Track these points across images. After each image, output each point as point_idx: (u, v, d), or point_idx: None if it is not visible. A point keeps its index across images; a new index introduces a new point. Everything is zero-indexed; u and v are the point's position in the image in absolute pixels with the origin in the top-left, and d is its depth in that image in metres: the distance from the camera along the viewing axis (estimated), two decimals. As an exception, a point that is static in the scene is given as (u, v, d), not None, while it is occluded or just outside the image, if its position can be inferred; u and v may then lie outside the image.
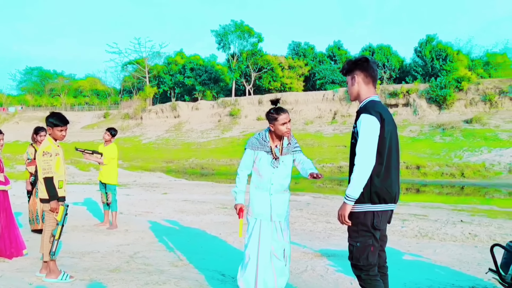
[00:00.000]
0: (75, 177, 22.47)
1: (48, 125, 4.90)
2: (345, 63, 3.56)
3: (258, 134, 4.28)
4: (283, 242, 4.17)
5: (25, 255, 5.84)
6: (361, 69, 3.45)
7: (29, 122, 68.45)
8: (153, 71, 76.64)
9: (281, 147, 4.21)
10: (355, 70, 3.46)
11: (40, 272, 4.92)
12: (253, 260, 4.10)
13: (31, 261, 5.59)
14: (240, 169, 4.26)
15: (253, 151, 4.21)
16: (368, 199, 3.27)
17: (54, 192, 4.79)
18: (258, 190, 4.20)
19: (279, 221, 4.17)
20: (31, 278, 4.84)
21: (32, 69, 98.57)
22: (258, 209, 4.17)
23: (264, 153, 4.17)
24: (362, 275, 3.35)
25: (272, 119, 4.13)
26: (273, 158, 4.15)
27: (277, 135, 4.19)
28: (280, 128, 4.11)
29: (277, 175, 4.17)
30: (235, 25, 65.28)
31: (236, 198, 4.21)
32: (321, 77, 63.35)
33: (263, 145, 4.19)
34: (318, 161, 34.19)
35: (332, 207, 11.74)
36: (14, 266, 5.37)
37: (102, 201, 8.39)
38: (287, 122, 4.12)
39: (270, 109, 4.20)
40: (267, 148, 4.17)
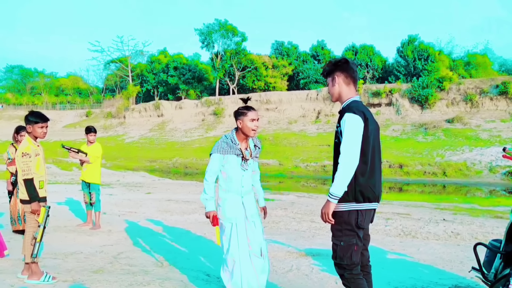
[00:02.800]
0: (57, 177, 22.21)
1: (28, 123, 4.83)
2: (325, 65, 3.61)
3: (225, 136, 4.23)
4: (260, 240, 4.21)
5: (6, 256, 5.74)
6: (341, 70, 3.49)
7: (10, 121, 67.45)
8: (136, 69, 76.11)
9: (250, 150, 4.24)
10: (336, 72, 3.51)
11: (22, 274, 4.85)
12: (237, 264, 4.11)
13: (13, 262, 5.51)
14: (209, 175, 4.17)
15: (222, 155, 4.14)
16: (352, 197, 3.29)
17: (34, 193, 4.72)
18: (229, 194, 4.18)
19: (253, 220, 4.19)
20: (12, 280, 4.77)
21: (13, 67, 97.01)
22: (231, 213, 4.14)
23: (234, 156, 4.14)
24: (345, 274, 3.38)
25: (241, 114, 4.13)
26: (243, 160, 4.16)
27: (244, 135, 4.17)
28: (248, 124, 4.11)
29: (246, 177, 4.21)
30: (219, 24, 65.12)
31: (207, 206, 4.13)
32: (305, 77, 63.51)
33: (232, 147, 4.14)
34: (302, 160, 34.31)
35: (317, 206, 11.78)
36: (-5, 268, 5.29)
37: (85, 201, 8.31)
38: (255, 120, 4.14)
39: (239, 107, 4.22)
40: (237, 151, 4.14)
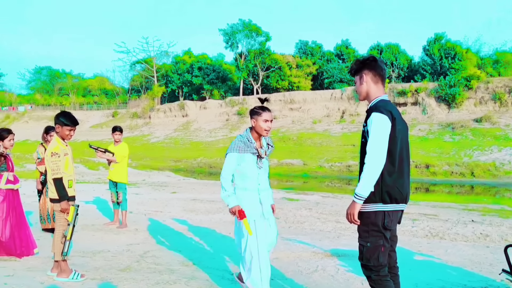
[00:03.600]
0: (84, 176, 22.57)
1: (58, 123, 4.91)
2: (353, 63, 3.56)
3: (241, 136, 4.33)
4: (274, 235, 4.39)
5: (36, 254, 5.87)
6: (369, 69, 3.44)
7: (39, 121, 68.89)
8: (161, 70, 76.85)
9: (264, 148, 4.36)
10: (363, 70, 3.46)
11: (52, 271, 4.94)
12: (255, 260, 4.17)
13: (42, 260, 5.62)
14: (225, 173, 4.24)
15: (239, 154, 4.23)
16: (379, 198, 3.25)
17: (63, 192, 4.80)
18: (247, 192, 4.26)
19: (268, 217, 4.31)
20: (42, 277, 4.87)
21: (41, 69, 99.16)
22: (250, 210, 4.21)
23: (250, 155, 4.24)
24: (372, 275, 3.33)
25: (256, 114, 4.25)
26: (258, 158, 4.27)
27: (258, 134, 4.29)
28: (261, 124, 4.23)
29: (262, 175, 4.35)
30: (243, 24, 65.28)
31: (229, 202, 4.19)
32: (329, 76, 63.17)
33: (248, 146, 4.24)
34: (326, 160, 34.12)
35: (342, 206, 11.70)
36: (25, 265, 5.40)
37: (112, 200, 8.41)
38: (269, 121, 4.26)
39: (255, 106, 4.34)
40: (253, 150, 4.24)
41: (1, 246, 5.71)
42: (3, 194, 5.78)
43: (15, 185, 5.91)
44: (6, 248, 5.70)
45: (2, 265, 5.37)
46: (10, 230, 5.75)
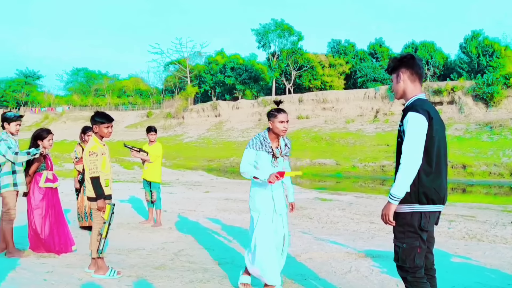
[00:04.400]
0: (120, 175, 23.00)
1: (95, 124, 5.02)
2: (390, 61, 3.50)
3: (259, 135, 4.60)
4: (284, 232, 4.55)
5: (74, 251, 6.02)
6: (406, 67, 3.38)
7: (76, 121, 70.58)
8: (194, 70, 77.59)
9: (280, 148, 4.59)
10: (401, 68, 3.40)
11: (89, 268, 5.06)
12: (260, 252, 4.40)
13: (80, 257, 5.75)
14: (243, 165, 4.49)
15: (255, 150, 4.49)
16: (415, 199, 3.20)
17: (100, 191, 4.90)
18: (260, 187, 4.52)
19: (280, 213, 4.53)
20: (80, 274, 4.98)
21: (78, 70, 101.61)
22: (260, 204, 4.48)
23: (265, 153, 4.49)
24: (408, 277, 3.28)
25: (272, 116, 4.49)
26: (273, 158, 4.51)
27: (275, 134, 4.53)
28: (278, 125, 4.45)
29: None
30: (276, 24, 65.29)
31: (261, 176, 4.35)
32: (363, 75, 62.48)
33: (264, 145, 4.50)
34: (360, 160, 33.76)
35: (376, 207, 11.56)
36: (64, 262, 5.54)
37: (146, 199, 8.54)
38: (285, 122, 4.47)
39: (272, 109, 4.56)
40: (268, 149, 4.49)
41: (40, 243, 5.87)
42: (43, 193, 5.94)
43: (54, 184, 6.08)
44: (46, 245, 5.87)
45: (42, 261, 5.53)
46: (49, 228, 5.91)
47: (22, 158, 5.66)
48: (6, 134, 5.76)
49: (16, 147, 5.74)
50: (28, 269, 5.04)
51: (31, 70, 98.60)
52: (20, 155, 5.62)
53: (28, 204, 5.93)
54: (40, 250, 5.87)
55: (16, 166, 5.72)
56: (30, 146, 5.90)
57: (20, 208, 6.00)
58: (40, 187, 5.93)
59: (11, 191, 5.70)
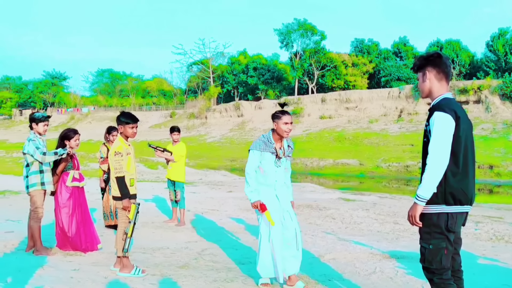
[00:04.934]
0: (144, 175, 23.23)
1: (120, 124, 5.08)
2: (416, 59, 3.46)
3: (263, 136, 4.81)
4: (294, 226, 4.72)
5: (99, 249, 6.10)
6: (433, 65, 3.33)
7: (101, 121, 71.59)
8: (217, 71, 77.94)
9: (283, 149, 4.77)
10: (427, 66, 3.35)
11: (114, 266, 5.12)
12: (267, 249, 4.63)
13: (106, 255, 5.83)
14: (249, 169, 4.72)
15: (260, 152, 4.70)
16: (442, 199, 3.15)
17: (125, 190, 4.96)
18: (264, 187, 4.71)
19: (287, 209, 4.72)
20: (106, 272, 5.05)
21: (103, 71, 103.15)
22: (266, 203, 4.63)
23: (269, 154, 4.68)
24: (434, 278, 3.24)
25: (276, 117, 4.70)
26: (277, 158, 4.70)
27: (279, 136, 4.72)
28: (282, 127, 4.65)
29: (279, 173, 4.75)
30: (298, 24, 65.11)
31: (252, 197, 4.65)
32: (386, 74, 61.87)
33: (268, 146, 4.69)
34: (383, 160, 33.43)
35: (400, 207, 11.42)
36: (89, 260, 5.63)
37: (170, 199, 8.61)
38: (288, 123, 4.68)
39: (276, 110, 4.79)
40: (272, 149, 4.69)
41: (67, 241, 5.98)
42: (70, 192, 6.05)
43: (80, 183, 6.17)
44: (73, 243, 5.96)
45: (68, 259, 5.62)
46: (76, 226, 6.00)
47: (50, 158, 5.76)
48: (34, 135, 5.87)
49: (44, 147, 5.84)
50: (55, 267, 5.14)
51: (58, 72, 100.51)
52: (48, 155, 5.73)
53: (56, 203, 6.03)
54: (67, 248, 5.97)
55: (44, 166, 5.83)
56: (57, 146, 6.01)
57: (47, 207, 6.11)
58: (67, 186, 6.03)
59: (39, 190, 5.82)
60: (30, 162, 5.79)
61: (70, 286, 4.46)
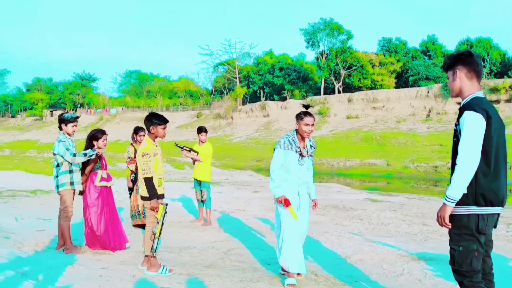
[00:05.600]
0: (171, 175, 23.44)
1: (152, 125, 5.13)
2: (446, 58, 3.41)
3: (288, 135, 5.04)
4: (306, 227, 5.04)
5: (127, 248, 6.18)
6: (463, 64, 3.27)
7: (129, 122, 72.51)
8: (243, 71, 78.05)
9: (307, 148, 5.00)
10: (457, 65, 3.29)
11: (142, 265, 5.18)
12: (287, 242, 4.83)
13: (134, 254, 5.91)
14: (274, 166, 4.94)
15: (284, 150, 4.93)
16: (473, 201, 3.10)
17: (153, 191, 5.01)
18: (287, 183, 4.91)
19: (303, 208, 4.97)
20: (134, 271, 5.12)
21: (131, 72, 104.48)
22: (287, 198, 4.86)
23: (293, 152, 4.91)
24: (464, 281, 3.18)
25: (299, 118, 4.94)
26: (300, 156, 4.93)
27: (301, 136, 4.96)
28: (303, 127, 4.89)
29: (302, 171, 4.98)
30: (324, 23, 64.68)
31: (276, 193, 4.87)
32: (414, 73, 60.97)
33: (292, 145, 4.93)
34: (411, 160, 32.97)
35: (429, 208, 11.23)
36: (118, 259, 5.71)
37: (197, 198, 8.66)
38: (309, 125, 4.90)
39: (300, 111, 5.01)
40: (296, 148, 4.92)
41: (96, 240, 6.07)
42: (98, 191, 6.14)
43: (108, 183, 6.26)
44: (101, 242, 6.06)
45: (97, 258, 5.72)
46: (104, 225, 6.10)
47: (80, 159, 5.87)
48: (64, 135, 5.99)
49: (73, 148, 5.95)
50: (84, 265, 5.23)
51: (87, 73, 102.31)
52: (77, 156, 5.83)
53: (84, 202, 6.14)
54: (96, 247, 6.07)
55: (73, 166, 5.94)
56: (85, 146, 6.11)
57: (76, 206, 6.23)
58: (95, 185, 6.13)
59: (68, 190, 5.93)
60: (60, 162, 5.91)
61: (99, 284, 4.53)
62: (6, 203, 10.44)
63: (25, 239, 6.39)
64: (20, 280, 4.39)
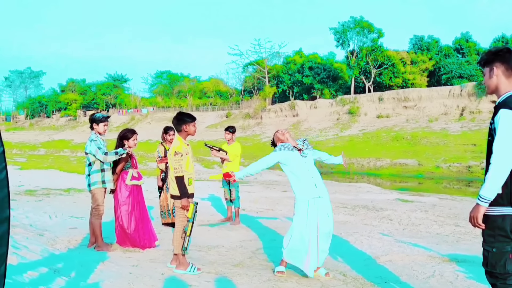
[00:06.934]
0: (200, 174, 23.62)
1: (184, 123, 5.16)
2: (484, 54, 3.33)
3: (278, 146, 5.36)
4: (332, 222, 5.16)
5: (157, 246, 6.26)
6: (501, 61, 3.18)
7: (159, 122, 73.37)
8: (272, 71, 77.99)
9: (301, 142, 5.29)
10: (495, 62, 3.21)
11: (171, 263, 5.24)
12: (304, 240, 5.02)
13: (163, 252, 5.97)
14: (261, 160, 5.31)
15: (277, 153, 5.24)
16: (507, 201, 3.02)
17: (184, 190, 5.05)
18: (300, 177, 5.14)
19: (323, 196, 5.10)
20: (163, 269, 5.18)
21: (162, 73, 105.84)
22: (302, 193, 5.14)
23: (290, 152, 5.19)
24: (498, 283, 3.12)
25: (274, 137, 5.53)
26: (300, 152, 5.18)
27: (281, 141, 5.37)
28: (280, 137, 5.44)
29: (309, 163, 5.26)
30: (354, 22, 64.12)
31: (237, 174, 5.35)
32: (447, 72, 59.83)
33: (286, 147, 5.24)
34: (444, 160, 32.34)
35: (461, 209, 10.99)
36: (147, 257, 5.78)
37: (225, 198, 8.70)
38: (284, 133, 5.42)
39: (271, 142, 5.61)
40: (290, 147, 5.22)
41: (127, 238, 6.17)
42: (129, 190, 6.23)
43: (139, 181, 6.35)
44: (132, 240, 6.15)
45: (127, 255, 5.80)
46: (135, 223, 6.19)
47: (111, 158, 5.97)
48: (95, 135, 6.10)
49: (104, 147, 6.06)
50: (115, 263, 5.31)
51: (119, 74, 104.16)
52: (109, 155, 5.93)
53: (115, 201, 6.24)
54: (126, 245, 6.16)
55: (104, 165, 6.04)
56: (116, 145, 6.22)
57: (108, 205, 6.33)
58: (126, 184, 6.22)
59: (100, 188, 6.03)
60: (92, 161, 6.02)
61: (129, 281, 4.59)
62: (41, 201, 10.71)
63: (58, 237, 6.54)
64: (53, 277, 4.50)
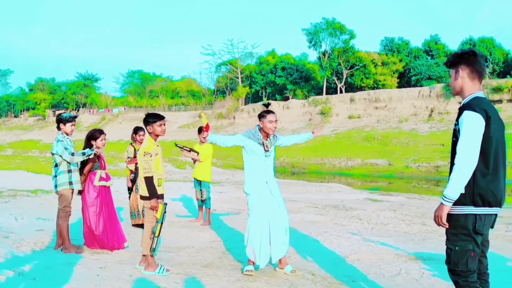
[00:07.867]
0: (172, 175, 23.48)
1: (148, 125, 5.14)
2: (450, 56, 3.39)
3: (249, 131, 5.26)
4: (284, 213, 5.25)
5: (126, 248, 6.19)
6: (466, 63, 3.25)
7: (131, 122, 72.53)
8: (245, 71, 77.99)
9: (270, 140, 5.22)
10: (460, 64, 3.27)
11: (140, 265, 5.19)
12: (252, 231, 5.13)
13: (132, 254, 5.92)
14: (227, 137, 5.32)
15: (247, 138, 5.15)
16: (470, 200, 3.09)
17: (153, 191, 5.01)
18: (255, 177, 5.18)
19: (276, 198, 5.20)
20: (131, 270, 5.12)
21: (134, 72, 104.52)
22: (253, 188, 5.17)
23: (257, 144, 5.13)
24: (460, 281, 3.19)
25: (262, 116, 5.17)
26: (265, 151, 5.16)
27: (265, 133, 5.18)
28: (267, 125, 5.12)
29: (268, 162, 5.22)
30: (327, 23, 64.66)
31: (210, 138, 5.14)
32: (417, 73, 60.90)
33: (256, 137, 5.15)
34: (413, 160, 32.93)
35: (428, 208, 11.21)
36: (115, 258, 5.72)
37: (196, 198, 8.67)
38: (273, 121, 5.11)
39: (262, 110, 5.26)
40: (260, 140, 5.14)
41: (95, 240, 6.09)
42: (97, 191, 6.15)
43: (107, 182, 6.27)
44: (100, 242, 6.07)
45: (95, 257, 5.72)
46: (103, 225, 6.11)
47: (78, 158, 5.88)
48: (62, 135, 6.00)
49: (71, 148, 5.96)
50: (82, 265, 5.24)
51: (90, 73, 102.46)
52: (76, 156, 5.84)
53: (83, 202, 6.15)
54: (94, 247, 6.08)
55: (72, 166, 5.94)
56: (84, 146, 6.13)
57: (75, 206, 6.23)
58: (94, 185, 6.14)
59: (67, 189, 5.93)
60: (58, 162, 5.92)
61: (96, 283, 4.53)
62: (7, 203, 10.47)
63: (24, 239, 6.40)
64: (18, 280, 4.40)
